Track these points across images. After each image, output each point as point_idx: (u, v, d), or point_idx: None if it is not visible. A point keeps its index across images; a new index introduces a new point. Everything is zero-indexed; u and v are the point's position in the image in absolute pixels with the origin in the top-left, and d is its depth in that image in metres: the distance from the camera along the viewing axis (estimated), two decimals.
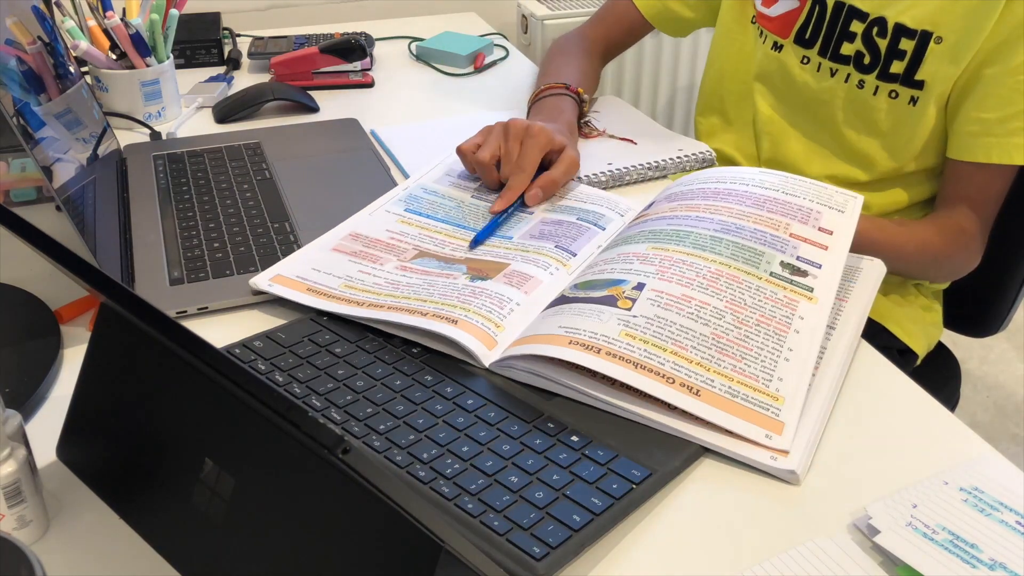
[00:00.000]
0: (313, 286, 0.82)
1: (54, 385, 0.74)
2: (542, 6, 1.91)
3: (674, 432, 0.66)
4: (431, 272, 0.84)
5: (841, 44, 1.03)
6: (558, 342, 0.70)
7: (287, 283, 0.83)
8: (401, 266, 0.85)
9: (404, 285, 0.81)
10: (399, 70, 1.40)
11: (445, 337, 0.74)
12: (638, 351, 0.69)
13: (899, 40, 0.98)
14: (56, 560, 0.58)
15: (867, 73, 1.01)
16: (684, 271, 0.75)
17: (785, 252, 0.77)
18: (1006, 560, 0.57)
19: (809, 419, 0.68)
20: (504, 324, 0.76)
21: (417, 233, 0.91)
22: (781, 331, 0.72)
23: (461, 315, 0.75)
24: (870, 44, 1.00)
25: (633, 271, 0.76)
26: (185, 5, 1.24)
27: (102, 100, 1.20)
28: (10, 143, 1.00)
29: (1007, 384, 2.01)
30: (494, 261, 0.85)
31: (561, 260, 0.85)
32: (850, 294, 0.80)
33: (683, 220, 0.82)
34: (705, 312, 0.72)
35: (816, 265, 0.77)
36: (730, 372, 0.69)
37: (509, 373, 0.72)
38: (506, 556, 0.56)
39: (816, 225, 0.80)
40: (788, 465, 0.64)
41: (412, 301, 0.78)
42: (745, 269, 0.76)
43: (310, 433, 0.45)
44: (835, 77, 1.04)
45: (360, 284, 0.82)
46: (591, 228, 0.91)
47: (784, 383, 0.69)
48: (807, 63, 1.06)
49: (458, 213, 0.94)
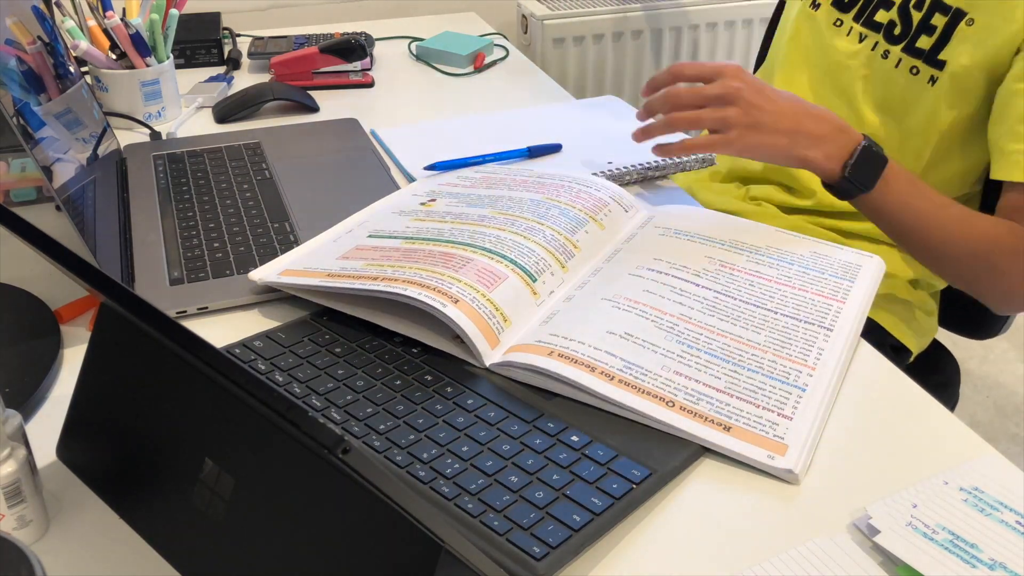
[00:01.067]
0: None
1: (54, 385, 0.74)
2: (542, 6, 1.91)
3: (674, 432, 0.66)
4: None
5: (877, 11, 1.04)
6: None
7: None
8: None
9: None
10: (399, 70, 1.40)
11: (444, 323, 0.73)
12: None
13: (933, 14, 0.98)
14: (56, 560, 0.58)
15: (894, 44, 1.02)
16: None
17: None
18: (1006, 560, 0.57)
19: (808, 419, 0.68)
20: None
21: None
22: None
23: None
24: (904, 14, 1.01)
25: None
26: (185, 5, 1.24)
27: (102, 100, 1.20)
28: (10, 143, 1.00)
29: (1007, 384, 2.01)
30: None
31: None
32: (849, 294, 0.81)
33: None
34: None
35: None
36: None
37: (508, 373, 0.72)
38: (506, 556, 0.56)
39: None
40: (786, 464, 0.64)
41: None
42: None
43: (310, 433, 0.45)
44: (863, 43, 1.04)
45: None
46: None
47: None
48: (839, 25, 1.07)
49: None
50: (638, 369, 0.71)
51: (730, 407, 0.68)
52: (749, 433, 0.66)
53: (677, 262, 0.84)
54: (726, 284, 0.81)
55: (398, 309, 0.77)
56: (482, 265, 0.79)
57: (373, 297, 0.77)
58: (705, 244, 0.87)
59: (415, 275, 0.77)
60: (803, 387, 0.70)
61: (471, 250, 0.81)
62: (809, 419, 0.67)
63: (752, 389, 0.69)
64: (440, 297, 0.74)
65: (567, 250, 0.85)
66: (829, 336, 0.75)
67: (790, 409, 0.68)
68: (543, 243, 0.84)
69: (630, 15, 1.94)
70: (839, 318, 0.78)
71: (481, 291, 0.76)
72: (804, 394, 0.69)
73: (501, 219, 0.88)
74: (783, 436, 0.66)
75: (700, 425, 0.66)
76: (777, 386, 0.70)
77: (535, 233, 0.85)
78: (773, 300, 0.79)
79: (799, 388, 0.70)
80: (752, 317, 0.77)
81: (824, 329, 0.76)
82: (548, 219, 0.88)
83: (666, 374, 0.70)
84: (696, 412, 0.67)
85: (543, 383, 0.71)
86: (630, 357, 0.72)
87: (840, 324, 0.77)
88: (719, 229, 0.90)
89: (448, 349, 0.74)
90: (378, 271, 0.79)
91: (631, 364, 0.71)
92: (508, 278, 0.79)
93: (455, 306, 0.73)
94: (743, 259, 0.85)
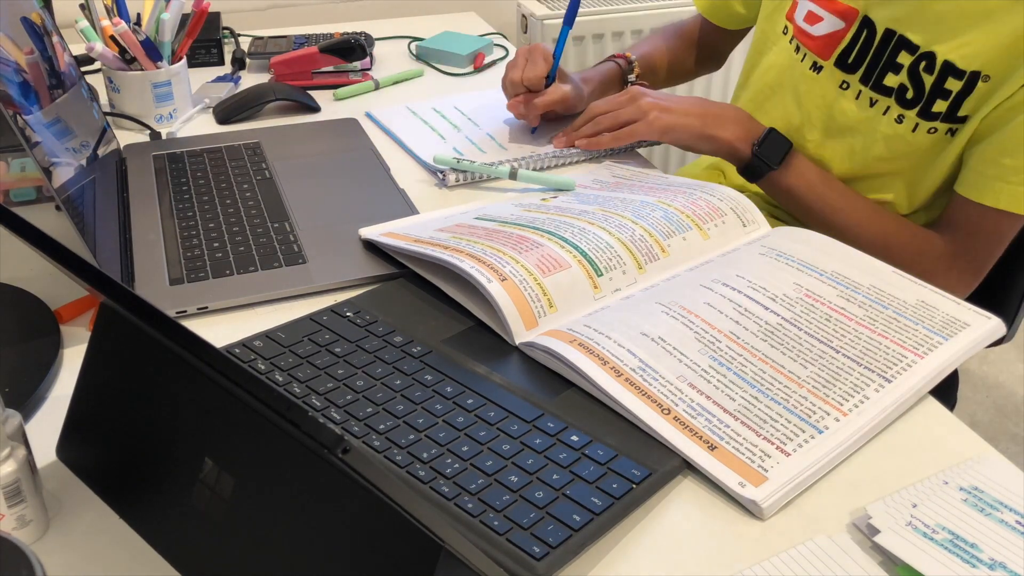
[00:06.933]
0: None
1: (54, 385, 0.74)
2: (542, 6, 1.91)
3: (659, 439, 0.66)
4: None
5: (885, 75, 0.99)
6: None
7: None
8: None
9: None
10: (399, 70, 1.40)
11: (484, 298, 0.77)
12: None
13: (946, 79, 0.94)
14: (56, 560, 0.58)
15: (908, 108, 0.98)
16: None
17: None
18: (1006, 560, 0.57)
19: (809, 460, 0.64)
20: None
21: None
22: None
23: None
24: (915, 79, 0.97)
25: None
26: (177, 8, 1.23)
27: (114, 101, 1.20)
28: (10, 143, 1.00)
29: (1007, 384, 2.01)
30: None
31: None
32: (934, 350, 0.75)
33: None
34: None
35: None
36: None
37: (531, 354, 0.74)
38: (506, 556, 0.56)
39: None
40: (753, 495, 0.61)
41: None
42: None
43: (310, 433, 0.45)
44: (874, 107, 1.01)
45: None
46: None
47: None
48: (846, 88, 1.03)
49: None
50: (650, 372, 0.70)
51: (727, 428, 0.66)
52: (732, 456, 0.64)
53: (758, 282, 0.81)
54: (799, 313, 0.78)
55: (464, 281, 0.80)
56: (548, 251, 0.81)
57: (446, 268, 0.81)
58: (801, 271, 0.83)
59: (480, 251, 0.81)
60: (822, 429, 0.67)
61: (547, 236, 0.84)
62: (810, 461, 0.64)
63: (763, 418, 0.67)
64: (488, 272, 0.77)
65: (651, 252, 0.86)
66: (884, 387, 0.71)
67: (793, 446, 0.65)
68: (626, 240, 0.85)
69: (630, 15, 1.94)
70: (907, 372, 0.72)
71: (534, 274, 0.78)
72: (820, 436, 0.66)
73: (599, 215, 0.89)
74: (767, 469, 0.63)
75: (685, 438, 0.65)
76: (793, 421, 0.67)
77: (623, 230, 0.86)
78: (843, 339, 0.75)
79: (816, 429, 0.67)
80: (809, 351, 0.74)
81: (882, 379, 0.72)
82: (645, 219, 0.89)
83: (677, 383, 0.70)
84: (688, 425, 0.66)
85: (560, 369, 0.72)
86: (649, 359, 0.71)
87: (905, 378, 0.72)
88: (828, 258, 0.86)
89: (492, 324, 0.77)
90: (455, 243, 0.83)
91: (646, 366, 0.71)
92: (570, 267, 0.81)
93: (500, 283, 0.76)
94: (834, 293, 0.81)
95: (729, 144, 1.04)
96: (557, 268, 0.80)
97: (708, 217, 0.91)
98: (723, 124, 1.04)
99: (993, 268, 1.01)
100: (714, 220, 0.91)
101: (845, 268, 0.84)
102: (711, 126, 1.04)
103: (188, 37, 1.22)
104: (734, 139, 1.04)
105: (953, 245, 0.99)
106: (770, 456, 0.64)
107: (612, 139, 1.08)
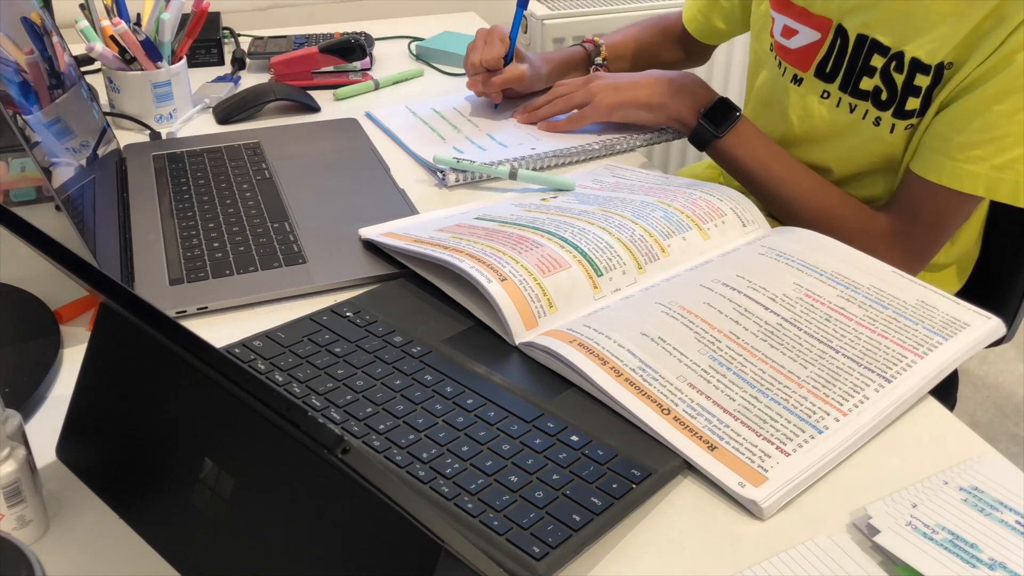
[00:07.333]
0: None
1: (54, 385, 0.74)
2: (542, 6, 1.91)
3: (659, 439, 0.66)
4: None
5: (861, 79, 1.00)
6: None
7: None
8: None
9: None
10: (399, 70, 1.40)
11: (485, 300, 0.77)
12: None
13: (914, 76, 0.95)
14: (56, 560, 0.58)
15: (883, 110, 0.98)
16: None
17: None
18: (1006, 560, 0.57)
19: (809, 460, 0.65)
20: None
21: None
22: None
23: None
24: (887, 79, 0.97)
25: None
26: (178, 8, 1.23)
27: (114, 101, 1.20)
28: (10, 143, 1.00)
29: (1007, 384, 2.01)
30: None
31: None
32: (934, 350, 0.75)
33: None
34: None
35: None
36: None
37: (532, 354, 0.74)
38: (506, 556, 0.56)
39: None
40: (753, 495, 0.61)
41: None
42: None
43: (310, 433, 0.45)
44: (854, 113, 1.01)
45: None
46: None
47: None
48: (827, 97, 1.03)
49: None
50: (650, 372, 0.70)
51: (727, 429, 0.66)
52: (732, 457, 0.64)
53: (758, 282, 0.81)
54: (799, 313, 0.78)
55: (464, 281, 0.80)
56: (548, 251, 0.81)
57: (446, 268, 0.81)
58: (801, 271, 0.83)
59: (479, 251, 0.81)
60: (822, 429, 0.67)
61: (547, 236, 0.84)
62: (810, 461, 0.64)
63: (763, 418, 0.67)
64: (488, 272, 0.77)
65: (651, 252, 0.85)
66: (884, 387, 0.71)
67: (793, 446, 0.65)
68: (625, 240, 0.85)
69: (630, 15, 1.94)
70: (907, 372, 0.73)
71: (534, 274, 0.78)
72: (820, 436, 0.66)
73: (599, 215, 0.89)
74: (767, 469, 0.63)
75: (685, 438, 0.65)
76: (793, 421, 0.67)
77: (623, 230, 0.86)
78: (843, 339, 0.75)
79: (816, 429, 0.67)
80: (809, 351, 0.74)
81: (882, 379, 0.71)
82: (644, 219, 0.89)
83: (677, 383, 0.70)
84: (688, 425, 0.66)
85: (560, 369, 0.72)
86: (649, 360, 0.71)
87: (904, 378, 0.72)
88: (828, 258, 0.85)
89: (492, 324, 0.77)
90: (455, 243, 0.83)
91: (646, 366, 0.71)
92: (570, 267, 0.81)
93: (500, 283, 0.76)
94: (834, 293, 0.80)
95: (677, 111, 1.07)
96: (557, 268, 0.80)
97: (708, 217, 0.91)
98: (676, 93, 1.07)
99: (993, 268, 1.01)
100: (714, 220, 0.91)
101: (845, 268, 0.84)
102: (660, 95, 1.07)
103: (188, 37, 1.22)
104: (683, 107, 1.06)
105: (896, 223, 0.98)
106: (770, 456, 0.64)
107: (567, 123, 1.14)
